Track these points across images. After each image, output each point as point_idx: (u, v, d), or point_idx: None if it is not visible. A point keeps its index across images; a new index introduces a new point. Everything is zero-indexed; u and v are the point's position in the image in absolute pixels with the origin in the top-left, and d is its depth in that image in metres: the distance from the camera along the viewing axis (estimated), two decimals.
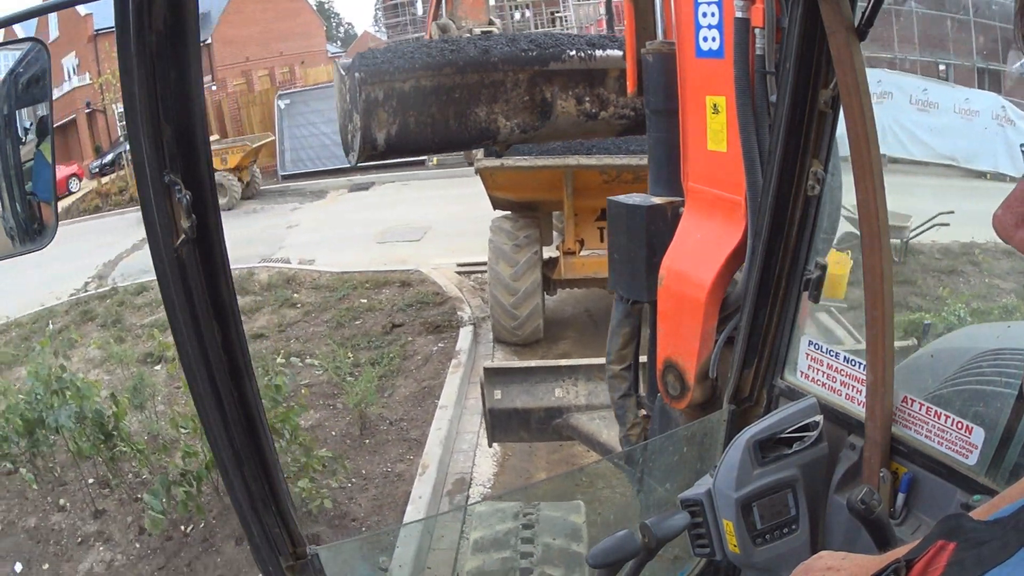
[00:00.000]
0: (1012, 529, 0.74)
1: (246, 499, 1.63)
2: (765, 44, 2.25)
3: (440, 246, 14.20)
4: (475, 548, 2.97)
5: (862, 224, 1.89)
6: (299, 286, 12.92)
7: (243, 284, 13.11)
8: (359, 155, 3.06)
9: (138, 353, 10.60)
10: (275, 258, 15.05)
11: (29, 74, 1.24)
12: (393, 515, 6.31)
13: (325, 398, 8.48)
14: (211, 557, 6.31)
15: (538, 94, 3.30)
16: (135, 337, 11.80)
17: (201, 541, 6.52)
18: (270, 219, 19.20)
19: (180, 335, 1.47)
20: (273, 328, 11.26)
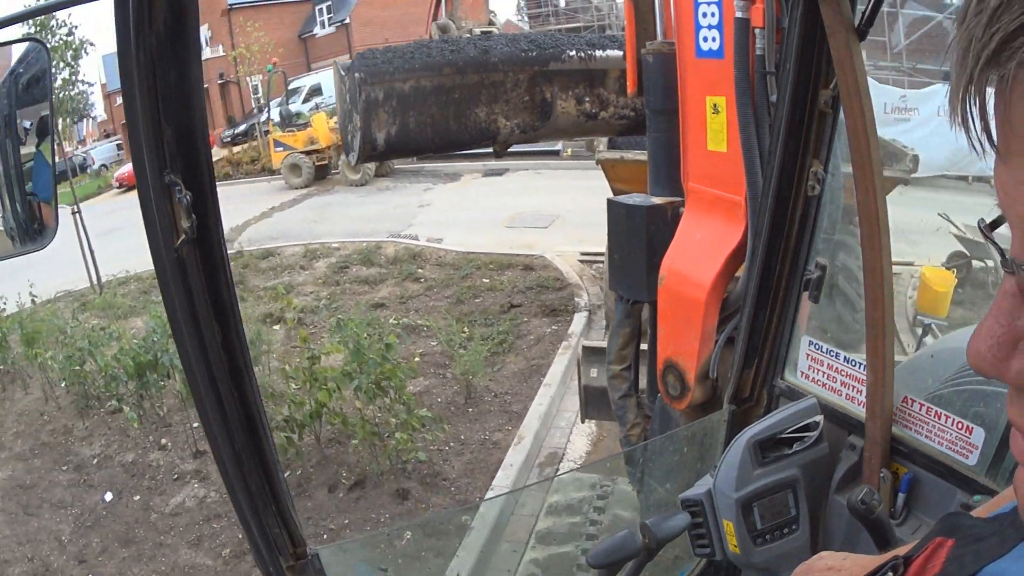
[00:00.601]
0: (1010, 525, 0.73)
1: (246, 499, 1.63)
2: (765, 44, 2.25)
3: (567, 234, 14.27)
4: (549, 511, 3.00)
5: (862, 224, 1.89)
6: (424, 262, 13.18)
7: (370, 256, 13.60)
8: (359, 155, 3.07)
9: (258, 313, 11.03)
10: (404, 234, 15.29)
11: (29, 74, 1.24)
12: (483, 480, 6.49)
13: (436, 367, 8.73)
14: (302, 502, 6.45)
15: (538, 94, 3.30)
16: (256, 298, 12.28)
17: (295, 487, 6.68)
18: (403, 198, 19.36)
19: (180, 335, 1.47)
20: (394, 299, 11.54)
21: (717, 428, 2.40)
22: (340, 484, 6.65)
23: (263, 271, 14.20)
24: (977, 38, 0.44)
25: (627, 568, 1.81)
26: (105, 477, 7.80)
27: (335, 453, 7.04)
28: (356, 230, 15.85)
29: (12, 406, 10.17)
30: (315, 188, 21.99)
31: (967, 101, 0.47)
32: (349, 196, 20.25)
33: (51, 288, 13.86)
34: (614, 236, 3.09)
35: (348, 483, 6.62)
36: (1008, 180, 0.48)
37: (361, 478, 6.61)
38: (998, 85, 0.45)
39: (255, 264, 14.57)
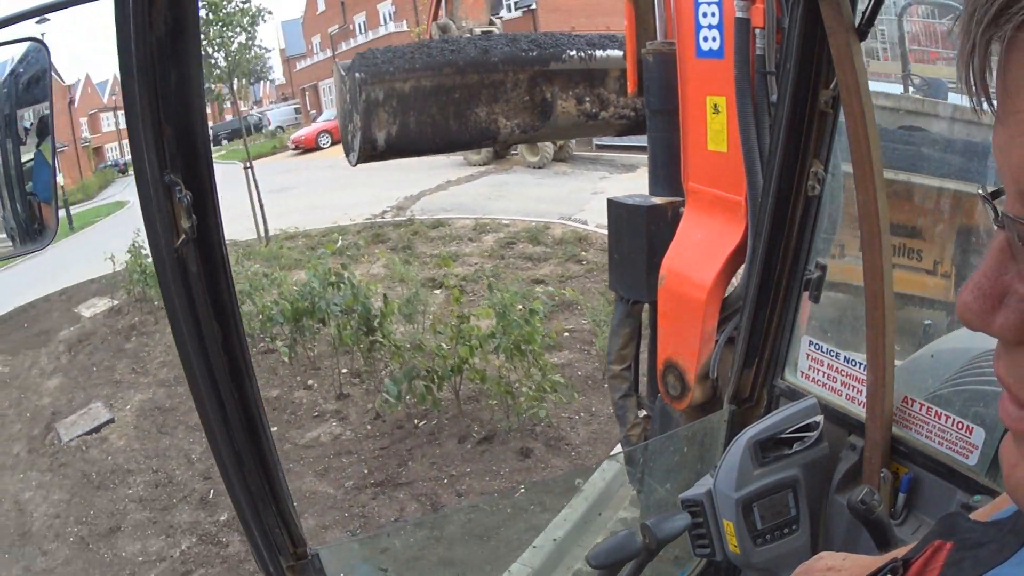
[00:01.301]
0: (1010, 531, 0.73)
1: (246, 499, 1.63)
2: (765, 44, 2.25)
3: None
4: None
5: (862, 224, 1.89)
6: (588, 246, 13.18)
7: (537, 235, 13.79)
8: (359, 155, 3.06)
9: (421, 277, 11.36)
10: (573, 218, 15.32)
11: (29, 74, 1.24)
12: (604, 449, 6.63)
13: (582, 344, 8.87)
14: (431, 448, 6.90)
15: (538, 94, 3.30)
16: (422, 264, 12.76)
17: (428, 434, 7.14)
18: (578, 183, 19.36)
19: (180, 335, 1.47)
20: (554, 277, 11.67)
21: (717, 428, 2.40)
22: (470, 437, 6.95)
23: (432, 239, 14.67)
24: (980, 5, 0.47)
25: (627, 568, 1.81)
26: None
27: (471, 409, 7.35)
28: (528, 209, 16.09)
29: (163, 338, 11.11)
30: (493, 167, 22.22)
31: (970, 67, 0.50)
32: (526, 177, 20.50)
33: None
34: (614, 236, 3.10)
35: (477, 437, 6.92)
36: (1003, 138, 0.50)
37: (490, 433, 6.90)
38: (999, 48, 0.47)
39: (425, 232, 15.12)
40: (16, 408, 10.86)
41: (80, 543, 7.16)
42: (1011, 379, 0.56)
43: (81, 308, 14.60)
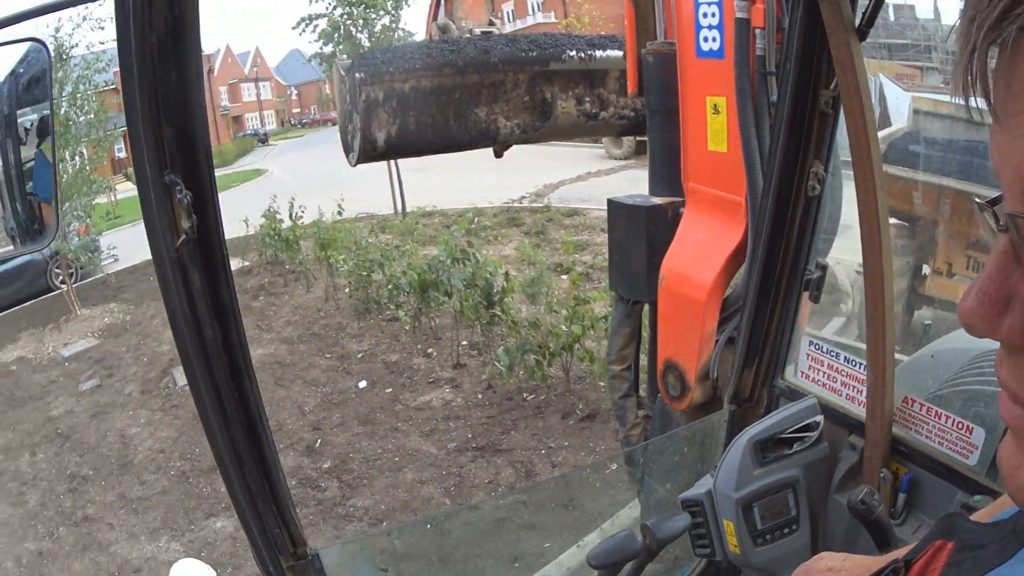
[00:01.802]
0: (1010, 532, 0.73)
1: (246, 499, 1.63)
2: (766, 44, 2.25)
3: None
4: None
5: (862, 224, 1.89)
6: None
7: None
8: (358, 156, 3.06)
9: (550, 262, 11.68)
10: None
11: (30, 74, 1.24)
12: None
13: None
14: (535, 421, 7.23)
15: (538, 94, 3.29)
16: (552, 249, 13.19)
17: (534, 407, 7.47)
18: None
19: (180, 335, 1.47)
20: None
21: (717, 428, 2.40)
22: (574, 413, 7.19)
23: (565, 227, 15.05)
24: (981, 8, 0.47)
25: (627, 568, 1.81)
26: (364, 370, 9.04)
27: (578, 388, 7.57)
28: None
29: (290, 299, 12.12)
30: (634, 161, 22.18)
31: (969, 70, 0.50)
32: None
33: (356, 208, 15.77)
34: (614, 236, 3.10)
35: (581, 414, 7.14)
36: (1004, 140, 0.50)
37: (593, 412, 7.10)
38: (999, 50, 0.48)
39: (559, 219, 15.53)
40: (134, 353, 11.65)
41: (180, 476, 7.73)
42: (1015, 383, 0.55)
43: None
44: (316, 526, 6.44)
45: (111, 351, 12.06)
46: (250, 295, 12.81)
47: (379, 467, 7.15)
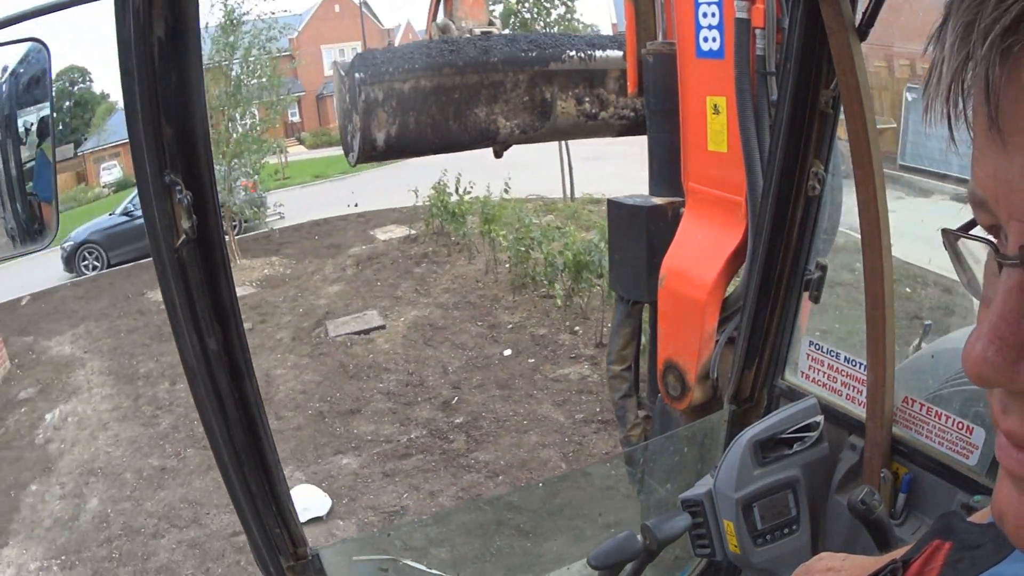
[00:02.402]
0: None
1: (246, 499, 1.63)
2: (766, 45, 2.25)
3: None
4: None
5: (862, 224, 1.89)
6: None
7: None
8: (358, 155, 3.06)
9: None
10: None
11: (30, 74, 1.24)
12: None
13: None
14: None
15: (538, 94, 3.29)
16: None
17: None
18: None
19: (181, 335, 1.47)
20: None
21: (717, 428, 2.40)
22: None
23: None
24: (984, 15, 0.41)
25: (628, 569, 1.81)
26: (511, 340, 9.59)
27: None
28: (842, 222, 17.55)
29: (451, 269, 12.81)
30: None
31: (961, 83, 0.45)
32: None
33: (526, 189, 16.33)
34: (615, 236, 3.10)
35: None
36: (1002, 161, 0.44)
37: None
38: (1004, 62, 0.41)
39: None
40: (290, 303, 12.56)
41: (317, 416, 8.39)
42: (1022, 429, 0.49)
43: (377, 231, 16.55)
44: (436, 472, 6.99)
45: (267, 300, 12.96)
46: (412, 261, 13.70)
47: (507, 427, 7.59)
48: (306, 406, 8.66)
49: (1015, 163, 0.43)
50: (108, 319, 13.80)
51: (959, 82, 0.44)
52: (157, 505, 7.45)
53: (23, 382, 11.46)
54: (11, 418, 10.37)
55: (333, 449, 7.70)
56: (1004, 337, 0.45)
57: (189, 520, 7.10)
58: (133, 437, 8.85)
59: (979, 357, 0.46)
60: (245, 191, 16.71)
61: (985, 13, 0.41)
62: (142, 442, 8.70)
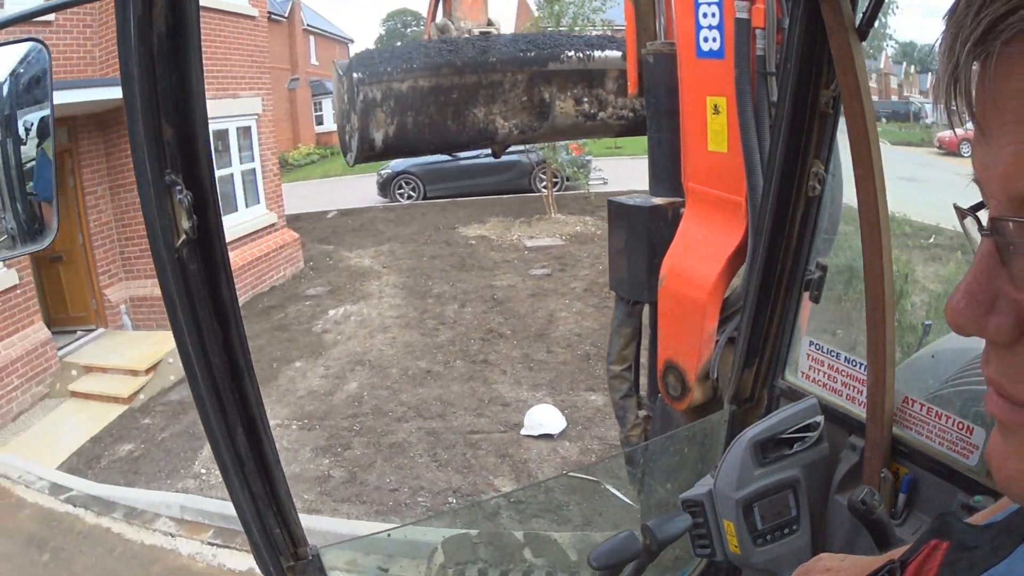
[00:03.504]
0: (1003, 532, 0.73)
1: (247, 499, 1.62)
2: (766, 45, 2.25)
3: None
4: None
5: (862, 224, 1.89)
6: None
7: None
8: (356, 155, 3.05)
9: None
10: None
11: (30, 75, 1.23)
12: None
13: None
14: None
15: (536, 95, 3.29)
16: None
17: None
18: None
19: (181, 335, 1.46)
20: None
21: (717, 428, 2.40)
22: None
23: None
24: (965, 26, 0.49)
25: (628, 569, 1.81)
26: None
27: None
28: None
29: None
30: None
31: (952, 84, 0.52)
32: None
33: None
34: (615, 236, 3.10)
35: None
36: (987, 152, 0.52)
37: None
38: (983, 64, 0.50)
39: None
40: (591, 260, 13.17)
41: (583, 356, 9.10)
42: (1004, 379, 0.57)
43: None
44: None
45: (571, 252, 13.83)
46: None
47: None
48: (576, 346, 9.44)
49: (992, 152, 0.52)
50: (414, 243, 15.27)
51: (952, 85, 0.52)
52: (411, 397, 8.49)
53: (314, 282, 13.29)
54: (293, 308, 12.03)
55: (586, 386, 8.39)
56: (974, 293, 0.55)
57: (435, 414, 8.08)
58: (409, 342, 10.02)
59: (955, 308, 0.56)
60: (568, 152, 17.47)
61: (965, 26, 0.50)
62: (416, 347, 9.85)
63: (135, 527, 7.12)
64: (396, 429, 7.86)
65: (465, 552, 2.68)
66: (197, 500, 7.24)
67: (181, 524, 7.11)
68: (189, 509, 7.15)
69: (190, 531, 6.99)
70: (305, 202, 19.62)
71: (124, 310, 12.42)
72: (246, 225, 13.37)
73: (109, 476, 8.05)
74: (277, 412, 8.43)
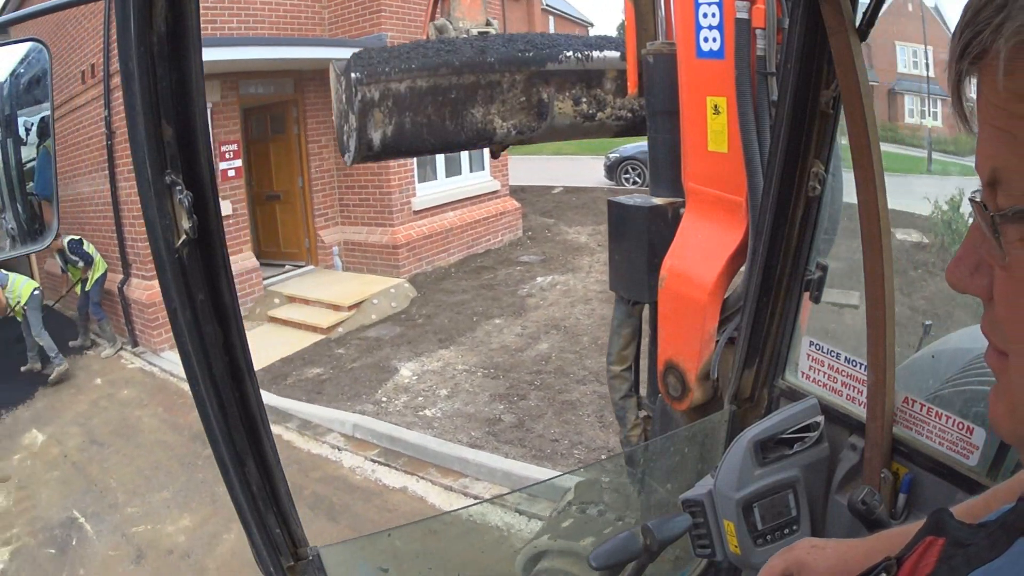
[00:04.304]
0: (998, 529, 0.75)
1: (247, 499, 1.62)
2: (766, 45, 2.25)
3: None
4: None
5: (862, 224, 1.89)
6: None
7: None
8: (355, 156, 3.05)
9: None
10: None
11: (30, 75, 1.23)
12: None
13: None
14: None
15: (535, 95, 3.28)
16: None
17: None
18: None
19: (181, 335, 1.46)
20: None
21: (718, 428, 2.40)
22: None
23: None
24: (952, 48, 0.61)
25: (628, 569, 1.81)
26: None
27: None
28: None
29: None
30: None
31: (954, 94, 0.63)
32: None
33: None
34: (615, 236, 3.09)
35: None
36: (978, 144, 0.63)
37: None
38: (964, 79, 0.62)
39: None
40: None
41: None
42: (989, 330, 0.69)
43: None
44: None
45: None
46: None
47: None
48: None
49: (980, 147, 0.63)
50: None
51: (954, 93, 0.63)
52: (595, 364, 8.71)
53: (529, 250, 14.16)
54: (504, 271, 12.90)
55: None
56: (962, 258, 0.68)
57: None
58: (606, 315, 9.92)
59: (949, 270, 0.69)
60: None
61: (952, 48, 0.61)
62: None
63: (306, 438, 8.05)
64: (572, 389, 8.27)
65: (593, 494, 2.92)
66: (370, 421, 7.94)
67: (350, 440, 7.86)
68: (361, 428, 7.90)
69: (357, 447, 7.74)
70: (533, 176, 20.75)
71: (336, 251, 13.62)
72: (467, 189, 14.48)
73: (292, 393, 8.94)
74: (468, 359, 9.26)
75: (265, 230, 14.06)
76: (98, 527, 6.91)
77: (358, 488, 7.03)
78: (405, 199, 13.23)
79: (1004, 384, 0.68)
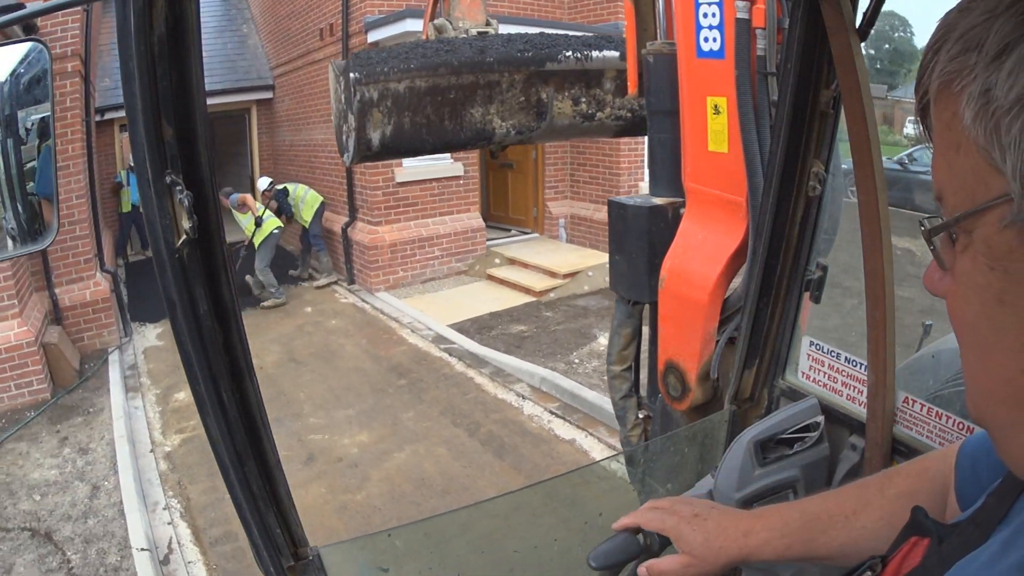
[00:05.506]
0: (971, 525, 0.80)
1: (247, 499, 1.62)
2: (766, 45, 2.25)
3: None
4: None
5: (863, 224, 1.89)
6: None
7: None
8: (354, 156, 3.05)
9: None
10: None
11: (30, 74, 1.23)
12: None
13: None
14: None
15: (534, 95, 3.28)
16: None
17: None
18: None
19: (181, 335, 1.46)
20: None
21: (718, 428, 2.40)
22: None
23: None
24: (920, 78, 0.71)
25: (628, 569, 1.80)
26: None
27: None
28: None
29: None
30: None
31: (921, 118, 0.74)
32: None
33: None
34: (615, 236, 3.09)
35: None
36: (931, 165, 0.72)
37: None
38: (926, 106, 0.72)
39: None
40: None
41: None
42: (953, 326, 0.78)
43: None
44: None
45: None
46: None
47: None
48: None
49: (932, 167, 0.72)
50: None
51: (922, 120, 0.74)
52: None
53: None
54: None
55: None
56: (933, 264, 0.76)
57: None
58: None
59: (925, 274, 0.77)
60: None
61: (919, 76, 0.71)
62: None
63: (495, 383, 8.74)
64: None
65: None
66: (558, 377, 8.47)
67: (535, 391, 8.47)
68: (547, 382, 8.48)
69: (540, 398, 8.31)
70: None
71: (562, 224, 14.36)
72: None
73: (492, 344, 9.67)
74: None
75: (496, 195, 15.11)
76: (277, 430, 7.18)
77: (531, 434, 7.49)
78: (633, 182, 13.55)
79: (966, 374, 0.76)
